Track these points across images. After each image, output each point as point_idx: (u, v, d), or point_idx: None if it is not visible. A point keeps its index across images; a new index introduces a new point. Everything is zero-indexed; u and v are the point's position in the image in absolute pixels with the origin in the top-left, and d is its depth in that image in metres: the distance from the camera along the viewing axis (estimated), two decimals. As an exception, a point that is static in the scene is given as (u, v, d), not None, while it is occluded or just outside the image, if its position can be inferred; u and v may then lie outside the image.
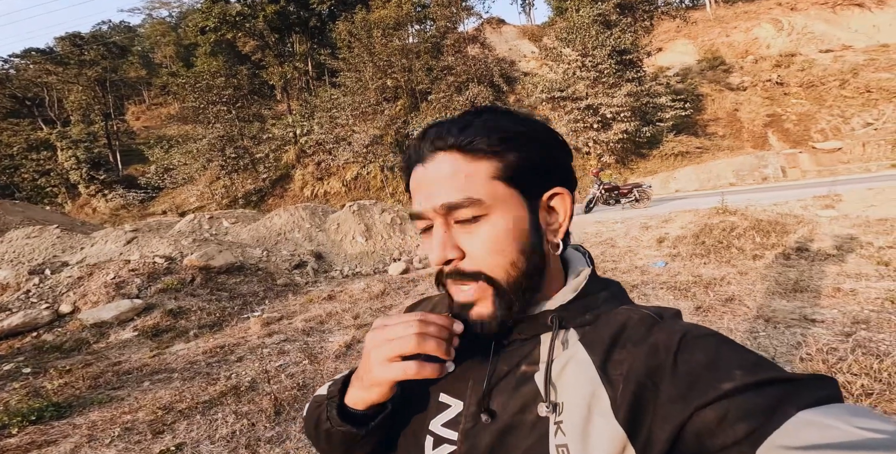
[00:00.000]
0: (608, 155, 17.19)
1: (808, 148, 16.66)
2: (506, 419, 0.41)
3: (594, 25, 16.82)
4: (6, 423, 2.35)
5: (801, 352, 2.22)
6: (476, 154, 0.42)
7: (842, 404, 0.30)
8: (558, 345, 0.42)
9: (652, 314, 0.42)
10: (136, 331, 4.18)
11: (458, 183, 0.41)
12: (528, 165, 0.43)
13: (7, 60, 33.04)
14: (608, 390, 0.37)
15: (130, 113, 35.66)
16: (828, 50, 21.36)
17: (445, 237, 0.42)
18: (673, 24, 24.51)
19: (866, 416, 0.28)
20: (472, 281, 0.42)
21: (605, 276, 0.49)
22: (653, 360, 0.37)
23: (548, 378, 0.40)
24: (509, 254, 0.42)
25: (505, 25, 30.76)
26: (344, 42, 21.52)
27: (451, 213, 0.42)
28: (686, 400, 0.33)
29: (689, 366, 0.35)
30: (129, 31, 43.66)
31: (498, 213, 0.42)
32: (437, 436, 0.44)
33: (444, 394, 0.46)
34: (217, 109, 21.80)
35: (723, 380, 0.33)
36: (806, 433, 0.28)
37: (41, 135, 27.91)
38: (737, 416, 0.30)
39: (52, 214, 12.50)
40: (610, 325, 0.42)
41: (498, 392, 0.43)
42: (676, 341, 0.37)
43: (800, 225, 5.23)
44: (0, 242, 7.01)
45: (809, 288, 3.28)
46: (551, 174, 0.45)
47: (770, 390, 0.31)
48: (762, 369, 0.33)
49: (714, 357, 0.35)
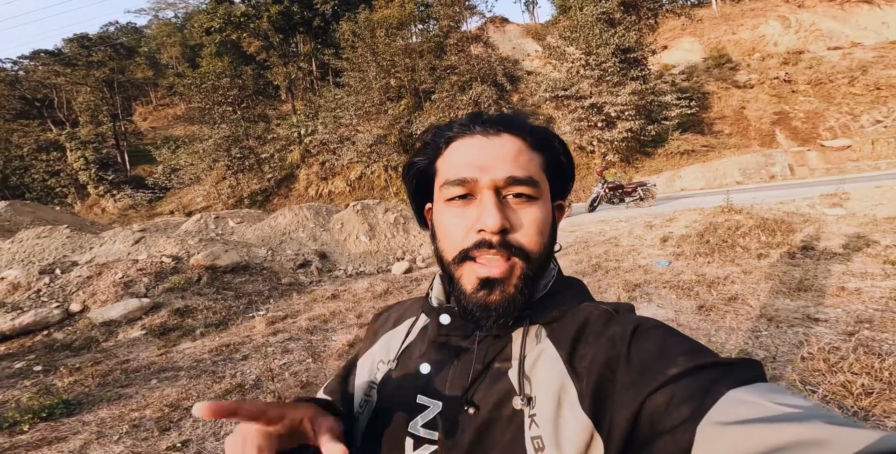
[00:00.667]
0: (613, 154, 17.10)
1: (816, 146, 16.47)
2: (484, 414, 0.42)
3: (598, 24, 16.73)
4: (17, 420, 2.40)
5: (803, 351, 2.21)
6: (536, 146, 0.47)
7: (764, 383, 0.34)
8: (530, 341, 0.44)
9: (609, 309, 0.45)
10: (144, 329, 4.25)
11: (522, 163, 0.45)
12: (564, 170, 0.50)
13: (16, 62, 33.48)
14: (575, 382, 0.40)
15: (138, 114, 36.05)
16: (836, 47, 21.09)
17: (499, 207, 0.43)
18: (678, 21, 24.30)
19: (784, 394, 0.32)
20: (509, 256, 0.43)
21: (571, 276, 0.52)
22: (610, 352, 0.40)
23: (521, 373, 0.42)
24: (545, 237, 0.45)
25: (508, 24, 30.66)
26: (347, 42, 21.59)
27: (508, 188, 0.44)
28: (639, 386, 0.36)
29: (640, 356, 0.38)
30: (135, 32, 44.05)
31: (543, 199, 0.46)
32: (417, 437, 0.45)
33: (421, 395, 0.47)
34: (223, 110, 21.98)
35: (669, 367, 0.35)
36: (735, 409, 0.30)
37: (50, 136, 28.31)
38: (681, 399, 0.33)
39: (62, 214, 12.68)
40: (574, 321, 0.44)
41: (475, 389, 0.44)
42: (629, 333, 0.40)
43: (806, 223, 5.18)
44: (11, 242, 7.14)
45: (814, 287, 3.26)
46: (565, 185, 0.52)
47: (706, 373, 0.34)
48: (701, 355, 0.36)
49: (661, 346, 0.38)
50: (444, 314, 0.48)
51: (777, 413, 0.29)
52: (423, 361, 0.49)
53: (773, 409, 0.29)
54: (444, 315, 0.48)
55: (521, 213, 0.44)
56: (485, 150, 0.45)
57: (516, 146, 0.46)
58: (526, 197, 0.44)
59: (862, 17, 23.33)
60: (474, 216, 0.44)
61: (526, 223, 0.44)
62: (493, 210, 0.42)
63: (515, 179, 0.43)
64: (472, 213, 0.44)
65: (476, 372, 0.45)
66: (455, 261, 0.44)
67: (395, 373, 0.51)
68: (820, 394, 1.83)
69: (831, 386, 1.86)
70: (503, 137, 0.46)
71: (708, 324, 2.82)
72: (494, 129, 0.46)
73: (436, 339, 0.49)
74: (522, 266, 0.43)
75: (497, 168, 0.44)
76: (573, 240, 6.11)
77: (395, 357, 0.52)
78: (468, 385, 0.44)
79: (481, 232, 0.43)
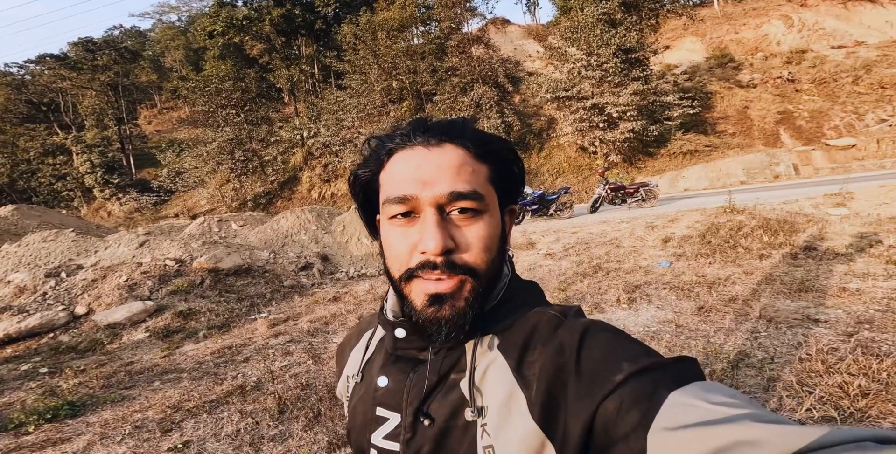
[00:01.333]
0: (615, 154, 17.06)
1: (821, 145, 16.35)
2: (440, 425, 0.43)
3: (599, 24, 16.72)
4: (23, 421, 2.44)
5: (801, 352, 2.21)
6: (481, 156, 0.45)
7: (701, 382, 0.35)
8: (481, 351, 0.44)
9: (557, 314, 0.44)
10: (148, 331, 4.29)
11: (466, 176, 0.42)
12: (512, 177, 0.48)
13: (23, 66, 33.88)
14: (524, 391, 0.40)
15: (143, 117, 36.35)
16: (840, 46, 20.94)
17: (442, 226, 0.41)
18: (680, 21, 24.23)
19: (718, 392, 0.33)
20: (456, 275, 0.42)
21: (527, 278, 0.52)
22: (559, 359, 0.40)
23: (471, 384, 0.42)
24: (493, 252, 0.43)
25: (509, 25, 30.68)
26: (349, 44, 21.71)
27: (451, 204, 0.42)
28: (590, 395, 0.36)
29: (589, 363, 0.38)
30: (139, 35, 44.45)
31: (490, 212, 0.44)
32: (380, 448, 0.46)
33: (380, 408, 0.48)
34: (226, 113, 22.14)
35: (615, 373, 0.36)
36: (678, 413, 0.31)
37: (57, 140, 28.60)
38: (629, 405, 0.34)
39: (68, 218, 12.81)
40: (523, 329, 0.44)
41: (432, 400, 0.44)
42: (577, 340, 0.40)
43: (809, 223, 5.15)
44: (18, 246, 7.22)
45: (815, 287, 3.25)
46: (517, 189, 0.50)
47: (648, 376, 0.35)
48: (643, 358, 0.37)
49: (607, 352, 0.38)
50: (399, 328, 0.47)
51: (713, 416, 0.30)
52: (381, 374, 0.49)
53: (710, 411, 0.30)
54: (399, 329, 0.47)
55: (466, 229, 0.42)
56: (426, 163, 0.42)
57: (459, 157, 0.43)
58: (471, 212, 0.42)
59: (865, 15, 23.17)
60: (417, 235, 0.42)
61: (472, 241, 0.42)
62: (433, 232, 0.40)
63: (458, 194, 0.41)
64: (416, 232, 0.42)
65: (431, 384, 0.45)
66: (402, 279, 0.43)
67: (359, 386, 0.52)
68: (816, 395, 1.82)
69: (828, 387, 1.86)
70: (445, 148, 0.43)
71: (707, 325, 2.82)
72: (436, 140, 0.44)
73: (392, 352, 0.49)
74: (471, 282, 0.42)
75: (438, 183, 0.41)
76: (574, 242, 6.11)
77: (358, 371, 0.53)
78: (423, 397, 0.44)
79: (425, 252, 0.41)
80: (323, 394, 2.49)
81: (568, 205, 9.53)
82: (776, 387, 1.95)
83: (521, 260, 5.72)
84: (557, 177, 18.43)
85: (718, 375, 2.11)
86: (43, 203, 25.33)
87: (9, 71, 33.90)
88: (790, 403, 1.82)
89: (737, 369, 2.16)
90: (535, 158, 19.64)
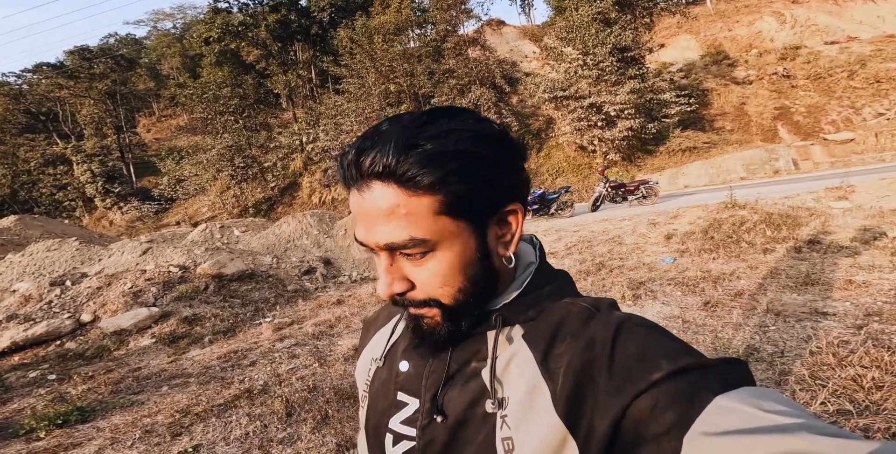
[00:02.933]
0: (614, 152, 17.09)
1: (819, 140, 16.38)
2: (458, 415, 0.42)
3: (594, 24, 16.79)
4: (34, 427, 2.44)
5: (811, 345, 2.21)
6: (421, 186, 0.37)
7: (751, 387, 0.32)
8: (502, 342, 0.43)
9: (589, 306, 0.42)
10: (154, 337, 4.29)
11: (398, 221, 0.38)
12: (479, 194, 0.39)
13: (20, 76, 33.95)
14: (549, 384, 0.38)
15: (141, 125, 36.44)
16: (833, 41, 21.03)
17: (392, 270, 0.41)
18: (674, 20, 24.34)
19: (772, 399, 0.30)
20: (419, 308, 0.43)
21: (558, 267, 0.49)
22: (590, 354, 0.38)
23: (492, 375, 0.41)
24: (457, 283, 0.41)
25: (505, 27, 30.82)
26: (346, 49, 21.78)
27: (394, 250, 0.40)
28: (622, 392, 0.34)
29: (623, 359, 0.36)
30: (135, 43, 44.56)
31: (445, 246, 0.39)
32: (396, 433, 0.46)
33: (401, 392, 0.48)
34: (225, 119, 22.19)
35: (652, 371, 0.34)
36: (722, 419, 0.29)
37: (57, 149, 28.67)
38: (665, 405, 0.32)
39: (71, 228, 12.83)
40: (550, 320, 0.42)
41: (450, 389, 0.44)
42: (611, 335, 0.38)
43: (812, 217, 5.15)
44: (21, 256, 7.23)
45: (821, 281, 3.25)
46: (503, 192, 0.41)
47: (689, 377, 0.33)
48: (684, 356, 0.35)
49: (644, 348, 0.36)
50: None
51: (764, 423, 0.28)
52: (403, 358, 0.49)
53: (760, 418, 0.28)
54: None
55: (420, 269, 0.40)
56: (360, 210, 0.39)
57: (389, 199, 0.37)
58: (418, 254, 0.39)
59: (856, 11, 23.27)
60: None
61: (426, 279, 0.40)
62: (381, 278, 0.41)
63: (391, 246, 0.39)
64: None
65: (450, 371, 0.45)
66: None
67: (382, 370, 0.52)
68: (830, 388, 1.82)
69: (841, 380, 1.86)
70: (374, 189, 0.38)
71: (714, 320, 2.82)
72: (363, 179, 0.38)
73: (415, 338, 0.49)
74: (438, 310, 0.42)
75: (375, 232, 0.39)
76: (576, 240, 6.11)
77: (382, 355, 0.53)
78: (441, 385, 0.44)
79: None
80: (330, 396, 2.48)
81: (569, 204, 9.54)
82: (788, 381, 1.94)
83: (525, 259, 5.71)
84: (557, 176, 18.46)
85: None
86: (45, 213, 25.34)
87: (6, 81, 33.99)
88: (804, 397, 1.82)
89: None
90: (535, 158, 19.68)
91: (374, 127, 0.40)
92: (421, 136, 0.37)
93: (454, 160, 0.37)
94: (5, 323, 4.60)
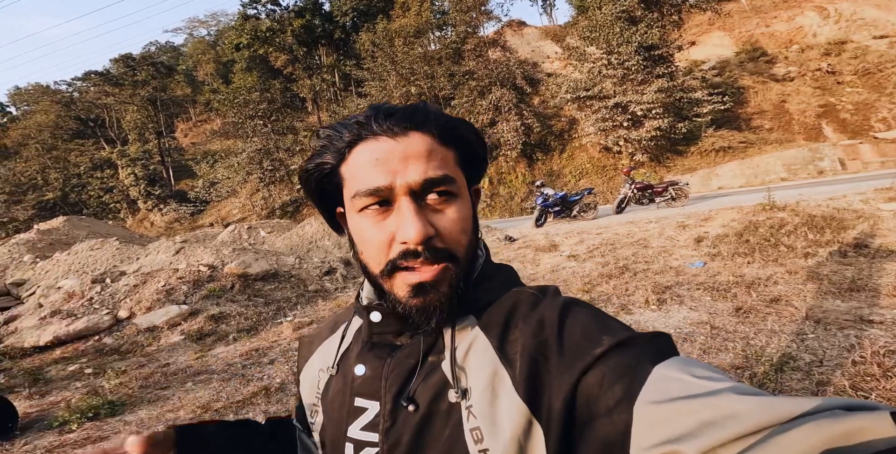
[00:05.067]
0: (641, 153, 16.57)
1: (868, 138, 15.33)
2: (422, 410, 0.41)
3: (618, 22, 16.39)
4: (67, 419, 2.57)
5: (854, 354, 2.03)
6: (446, 140, 0.44)
7: (679, 356, 0.35)
8: (459, 331, 0.44)
9: (536, 293, 0.45)
10: (183, 334, 4.46)
11: (436, 161, 0.42)
12: (477, 159, 0.48)
13: (70, 84, 36.43)
14: (508, 369, 0.39)
15: (179, 130, 38.39)
16: (882, 36, 19.66)
17: (420, 215, 0.40)
18: (705, 16, 23.40)
19: (700, 366, 0.33)
20: (439, 263, 0.41)
21: (500, 262, 0.51)
22: (540, 336, 0.40)
23: (453, 364, 0.41)
24: (468, 233, 0.44)
25: (526, 27, 30.56)
26: (367, 52, 22.20)
27: (426, 191, 0.41)
28: (571, 369, 0.36)
29: (570, 337, 0.38)
30: (173, 50, 47.07)
31: (462, 196, 0.44)
32: (357, 440, 0.45)
33: (358, 397, 0.46)
34: (254, 123, 23.07)
35: (595, 346, 0.36)
36: (665, 387, 0.31)
37: (104, 154, 30.61)
38: (612, 378, 0.34)
39: (114, 228, 13.63)
40: (502, 308, 0.44)
41: (413, 385, 0.43)
42: (557, 316, 0.40)
43: (859, 220, 4.80)
44: (67, 254, 7.72)
45: (868, 287, 3.01)
46: (482, 169, 0.50)
47: (630, 350, 0.35)
48: (621, 331, 0.37)
49: (587, 326, 0.39)
50: (374, 311, 0.47)
51: (699, 389, 0.30)
52: (357, 363, 0.48)
53: (696, 385, 0.31)
54: (374, 312, 0.47)
55: (443, 214, 0.42)
56: (394, 153, 0.41)
57: (427, 144, 0.42)
58: (447, 195, 0.42)
59: (909, 2, 21.68)
60: (395, 226, 0.41)
61: (449, 225, 0.42)
62: (414, 221, 0.40)
63: (432, 181, 0.41)
64: (392, 223, 0.41)
65: (411, 367, 0.44)
66: (383, 273, 0.42)
67: (335, 379, 0.51)
68: (873, 399, 1.67)
69: (885, 391, 1.71)
70: (412, 136, 0.42)
71: (746, 326, 2.65)
72: (400, 128, 0.42)
73: (368, 339, 0.48)
74: (453, 268, 0.42)
75: (411, 171, 0.41)
76: (599, 243, 5.93)
77: (333, 363, 0.51)
78: (402, 382, 0.43)
79: (405, 243, 0.40)
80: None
81: (592, 205, 9.29)
82: (827, 392, 1.80)
83: (544, 262, 5.60)
84: (580, 178, 18.07)
85: (760, 378, 1.97)
86: (93, 215, 27.08)
87: (59, 88, 36.57)
88: (844, 411, 1.67)
89: (781, 372, 2.00)
90: (557, 160, 19.35)
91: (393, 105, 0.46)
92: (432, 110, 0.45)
93: (470, 134, 0.47)
94: (49, 318, 4.91)
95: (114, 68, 34.14)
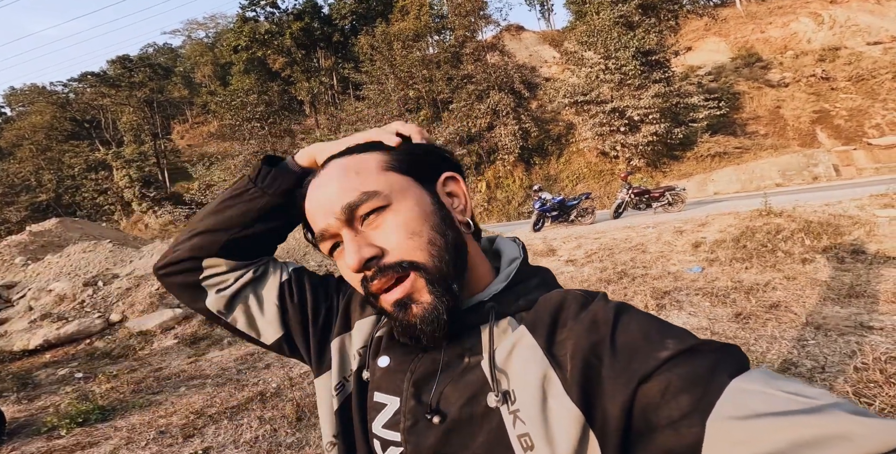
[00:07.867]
0: (638, 158, 16.66)
1: (862, 144, 15.49)
2: (452, 413, 0.38)
3: (616, 27, 16.55)
4: (56, 425, 2.51)
5: (856, 361, 2.02)
6: (362, 149, 0.45)
7: (759, 370, 0.32)
8: (498, 333, 0.41)
9: (584, 293, 0.42)
10: (177, 338, 4.40)
11: (350, 182, 0.41)
12: (415, 153, 0.45)
13: (66, 85, 36.22)
14: (557, 371, 0.36)
15: (175, 132, 38.19)
16: (876, 42, 19.97)
17: (358, 239, 0.40)
18: (701, 22, 23.71)
19: (787, 381, 0.30)
20: (398, 274, 0.40)
21: (536, 264, 0.48)
22: (594, 336, 0.36)
23: (493, 366, 0.38)
24: (424, 233, 0.41)
25: (524, 32, 30.77)
26: (366, 55, 22.23)
27: (354, 216, 0.40)
28: (629, 372, 0.33)
29: (627, 338, 0.35)
30: (171, 52, 46.93)
31: (399, 200, 0.41)
32: (383, 439, 0.42)
33: (377, 392, 0.44)
34: (251, 126, 23.00)
35: (659, 350, 0.33)
36: (747, 402, 0.28)
37: (99, 155, 30.37)
38: (678, 387, 0.31)
39: (108, 230, 13.50)
40: (548, 307, 0.41)
41: (440, 384, 0.40)
42: (612, 316, 0.37)
43: (855, 226, 4.83)
44: (59, 256, 7.63)
45: (866, 293, 3.01)
46: (439, 161, 0.47)
47: (700, 359, 0.32)
48: (689, 338, 0.34)
49: (647, 329, 0.35)
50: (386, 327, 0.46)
51: (793, 405, 0.27)
52: (383, 353, 0.45)
53: (786, 400, 0.27)
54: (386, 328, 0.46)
55: (381, 229, 0.40)
56: (317, 190, 0.43)
57: (340, 167, 0.43)
58: (378, 210, 0.40)
59: (902, 9, 22.05)
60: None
61: (392, 237, 0.40)
62: (350, 251, 0.40)
63: (350, 205, 0.40)
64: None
65: (442, 365, 0.41)
66: (370, 301, 0.43)
67: (364, 367, 0.48)
68: (877, 406, 1.66)
69: (889, 398, 1.69)
70: (328, 166, 0.45)
71: (746, 332, 2.64)
72: (323, 167, 0.46)
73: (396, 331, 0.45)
74: (419, 274, 0.40)
75: (331, 204, 0.41)
76: (597, 248, 5.93)
77: (361, 348, 0.49)
78: (432, 379, 0.41)
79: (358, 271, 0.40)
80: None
81: (589, 210, 9.31)
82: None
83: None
84: (578, 182, 18.13)
85: (762, 387, 1.95)
86: (86, 217, 26.80)
87: (54, 90, 36.35)
88: (847, 419, 1.65)
89: (783, 380, 1.99)
90: (555, 164, 19.42)
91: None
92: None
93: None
94: (39, 321, 4.83)
95: (110, 70, 34.00)
